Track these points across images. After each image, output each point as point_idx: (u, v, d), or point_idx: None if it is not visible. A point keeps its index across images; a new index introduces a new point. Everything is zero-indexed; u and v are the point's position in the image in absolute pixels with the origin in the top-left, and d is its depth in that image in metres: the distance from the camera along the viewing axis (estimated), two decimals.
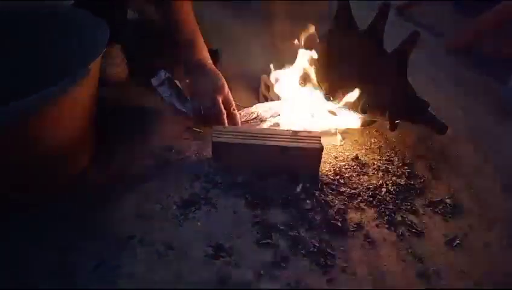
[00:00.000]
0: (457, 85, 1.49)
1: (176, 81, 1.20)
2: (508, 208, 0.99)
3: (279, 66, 1.20)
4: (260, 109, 1.15)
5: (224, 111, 1.06)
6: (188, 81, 1.12)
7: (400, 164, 1.08)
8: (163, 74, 1.21)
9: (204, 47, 1.11)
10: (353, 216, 0.92)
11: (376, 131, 1.19)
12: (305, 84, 1.14)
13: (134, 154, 1.04)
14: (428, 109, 1.02)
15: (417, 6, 2.04)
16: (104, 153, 1.03)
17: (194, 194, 0.94)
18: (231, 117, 1.09)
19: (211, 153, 1.02)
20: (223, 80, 1.09)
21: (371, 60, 1.03)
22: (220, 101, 1.07)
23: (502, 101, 1.40)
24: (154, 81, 1.22)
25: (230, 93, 1.10)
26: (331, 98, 1.08)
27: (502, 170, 1.10)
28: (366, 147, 1.13)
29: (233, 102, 1.10)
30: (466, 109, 1.35)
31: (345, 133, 1.16)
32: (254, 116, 1.13)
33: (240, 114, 1.13)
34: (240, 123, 1.10)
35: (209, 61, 1.12)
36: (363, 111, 1.03)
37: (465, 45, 1.68)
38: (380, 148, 1.13)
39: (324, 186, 0.98)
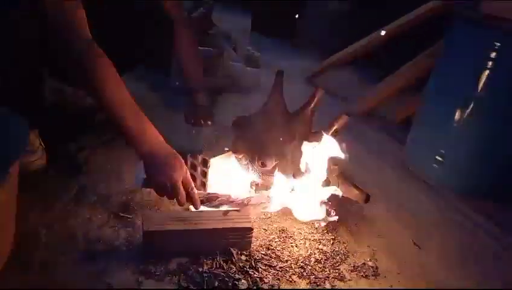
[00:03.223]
0: (364, 146, 1.66)
1: None
2: (421, 262, 1.11)
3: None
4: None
5: (184, 193, 1.04)
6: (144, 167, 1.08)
7: (325, 231, 1.15)
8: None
9: (154, 131, 1.07)
10: None
11: None
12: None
13: (58, 249, 0.99)
14: None
15: (323, 74, 2.27)
16: (23, 251, 0.96)
17: (126, 287, 0.90)
18: (190, 197, 1.06)
19: (141, 240, 1.00)
20: (181, 160, 1.07)
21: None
22: (180, 183, 1.04)
23: (405, 160, 1.58)
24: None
25: (188, 174, 1.08)
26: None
27: (411, 226, 1.23)
28: (291, 216, 1.20)
29: (192, 182, 1.07)
30: (374, 169, 1.50)
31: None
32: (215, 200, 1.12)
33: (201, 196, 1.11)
34: (198, 204, 1.07)
35: (162, 144, 1.08)
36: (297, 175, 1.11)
37: (367, 110, 1.90)
38: None
39: (257, 262, 1.01)
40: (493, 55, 1.28)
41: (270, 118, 1.24)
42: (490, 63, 1.29)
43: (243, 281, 0.95)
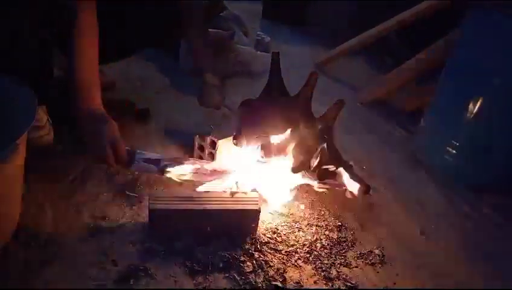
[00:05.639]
0: (373, 135, 1.64)
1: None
2: (427, 252, 1.09)
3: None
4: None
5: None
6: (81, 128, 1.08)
7: (331, 218, 1.14)
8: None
9: (98, 97, 1.09)
10: (292, 275, 0.95)
11: (307, 185, 1.25)
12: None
13: (64, 225, 0.98)
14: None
15: (334, 62, 2.23)
16: (30, 225, 0.96)
17: (131, 265, 0.90)
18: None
19: (147, 219, 1.00)
20: (114, 124, 1.07)
21: (302, 124, 1.11)
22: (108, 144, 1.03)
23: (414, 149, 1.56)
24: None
25: (118, 135, 1.06)
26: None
27: (418, 216, 1.22)
28: (298, 202, 1.19)
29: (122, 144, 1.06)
30: (382, 158, 1.49)
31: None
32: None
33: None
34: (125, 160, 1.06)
35: (101, 107, 1.09)
36: (294, 171, 1.09)
37: (377, 99, 1.87)
38: (311, 202, 1.19)
39: (263, 246, 1.00)
40: (508, 42, 1.25)
41: (270, 104, 1.18)
42: (505, 51, 1.26)
43: (248, 263, 0.95)
